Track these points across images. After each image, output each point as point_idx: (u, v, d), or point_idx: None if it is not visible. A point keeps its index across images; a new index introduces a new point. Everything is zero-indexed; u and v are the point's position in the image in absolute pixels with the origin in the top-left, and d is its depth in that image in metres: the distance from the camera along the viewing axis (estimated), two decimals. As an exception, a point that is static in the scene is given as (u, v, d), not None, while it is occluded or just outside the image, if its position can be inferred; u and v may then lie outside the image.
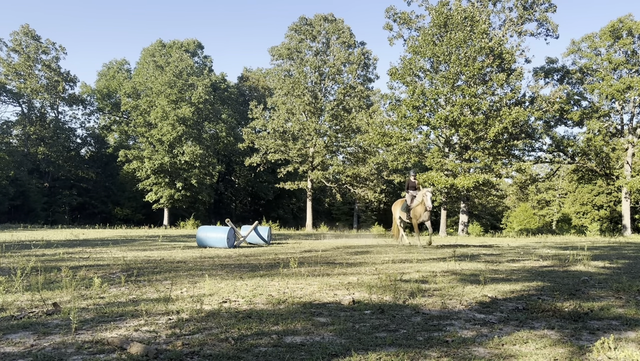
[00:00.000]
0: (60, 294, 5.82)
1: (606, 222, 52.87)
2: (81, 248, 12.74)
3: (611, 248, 16.33)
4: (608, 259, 11.27)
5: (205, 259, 10.37)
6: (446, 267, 9.18)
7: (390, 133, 30.83)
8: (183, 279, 7.21)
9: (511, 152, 33.17)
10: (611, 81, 35.61)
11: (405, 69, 30.66)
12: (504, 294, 6.24)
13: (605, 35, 36.82)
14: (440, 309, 5.28)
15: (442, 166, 30.35)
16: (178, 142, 42.21)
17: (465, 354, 3.62)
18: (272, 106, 42.65)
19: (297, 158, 40.62)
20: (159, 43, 49.81)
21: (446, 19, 29.30)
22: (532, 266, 9.74)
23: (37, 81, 46.44)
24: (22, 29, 45.77)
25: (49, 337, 4.00)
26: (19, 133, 48.78)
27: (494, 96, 30.37)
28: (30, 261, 7.43)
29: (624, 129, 38.07)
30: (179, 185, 41.90)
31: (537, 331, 4.34)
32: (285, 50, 41.29)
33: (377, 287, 6.56)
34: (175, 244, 14.96)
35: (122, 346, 3.65)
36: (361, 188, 41.80)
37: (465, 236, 29.57)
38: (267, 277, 7.53)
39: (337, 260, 10.49)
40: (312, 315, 4.89)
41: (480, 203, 61.55)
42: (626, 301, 5.76)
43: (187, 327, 4.31)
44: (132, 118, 47.27)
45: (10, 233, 19.92)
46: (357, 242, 18.54)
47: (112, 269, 8.37)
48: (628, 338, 4.16)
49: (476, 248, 15.66)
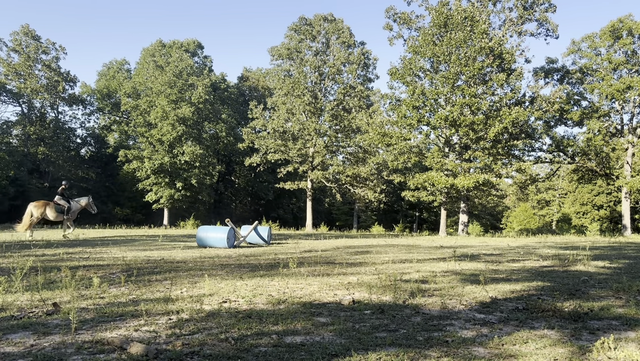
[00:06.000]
0: (60, 294, 5.82)
1: (606, 222, 52.88)
2: (81, 248, 12.73)
3: (611, 248, 16.33)
4: (608, 259, 11.26)
5: (205, 259, 10.37)
6: (446, 267, 9.18)
7: (390, 133, 30.81)
8: (183, 279, 7.21)
9: (511, 152, 33.14)
10: (611, 81, 35.58)
11: (406, 69, 30.64)
12: (504, 294, 6.24)
13: (605, 35, 36.80)
14: (440, 309, 5.28)
15: (442, 166, 30.33)
16: (178, 142, 42.20)
17: (465, 354, 3.62)
18: (272, 106, 42.62)
19: (297, 158, 40.60)
20: (159, 43, 49.80)
21: (446, 19, 29.30)
22: (532, 266, 9.74)
23: (37, 81, 46.41)
24: (22, 29, 45.75)
25: (49, 337, 4.00)
26: (19, 133, 48.76)
27: (494, 96, 30.35)
28: (30, 261, 7.43)
29: (624, 129, 38.05)
30: (179, 185, 41.88)
31: (537, 331, 4.33)
32: (285, 51, 41.27)
33: (377, 287, 6.56)
34: (175, 244, 14.95)
35: (122, 346, 3.65)
36: (361, 188, 41.77)
37: (465, 236, 29.55)
38: (267, 277, 7.53)
39: (337, 260, 10.49)
40: (312, 315, 4.89)
41: (480, 203, 61.56)
42: (626, 301, 5.76)
43: (187, 327, 4.31)
44: (132, 118, 47.25)
45: (10, 233, 19.92)
46: (357, 242, 18.54)
47: (112, 269, 8.37)
48: (628, 338, 4.15)
49: (476, 248, 15.65)
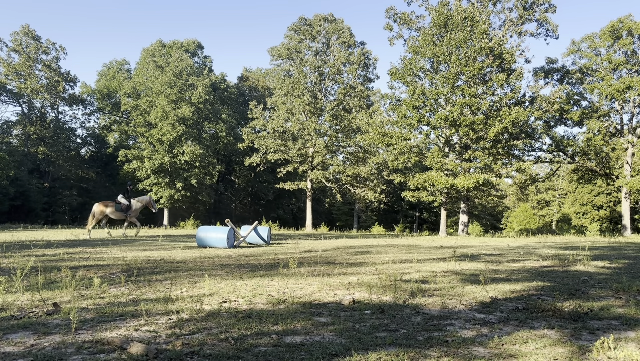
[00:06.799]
0: (60, 294, 5.82)
1: (606, 222, 52.86)
2: (81, 248, 12.73)
3: (611, 248, 16.32)
4: (608, 259, 11.26)
5: (205, 259, 10.37)
6: (446, 267, 9.18)
7: (390, 133, 30.81)
8: (183, 279, 7.21)
9: (511, 152, 33.14)
10: (611, 81, 35.57)
11: (406, 69, 30.64)
12: (504, 294, 6.24)
13: (605, 36, 36.80)
14: (440, 309, 5.28)
15: (442, 166, 30.33)
16: (178, 142, 42.19)
17: (465, 354, 3.62)
18: (272, 106, 42.62)
19: (297, 158, 40.60)
20: (159, 43, 49.82)
21: (446, 19, 29.30)
22: (532, 266, 9.74)
23: (37, 81, 46.42)
24: (22, 29, 45.77)
25: (49, 337, 4.00)
26: (19, 133, 48.77)
27: (494, 96, 30.34)
28: (30, 261, 7.43)
29: (624, 129, 38.04)
30: (179, 185, 41.89)
31: (537, 331, 4.33)
32: (285, 51, 41.27)
33: (377, 287, 6.56)
34: (175, 244, 14.95)
35: (122, 346, 3.65)
36: (361, 188, 41.76)
37: (465, 236, 29.55)
38: (267, 277, 7.53)
39: (337, 260, 10.49)
40: (312, 315, 4.89)
41: (480, 203, 61.54)
42: (626, 301, 5.76)
43: (187, 327, 4.31)
44: (132, 118, 47.26)
45: (10, 233, 19.91)
46: (357, 242, 18.53)
47: (112, 269, 8.37)
48: (628, 338, 4.15)
49: (476, 248, 15.65)
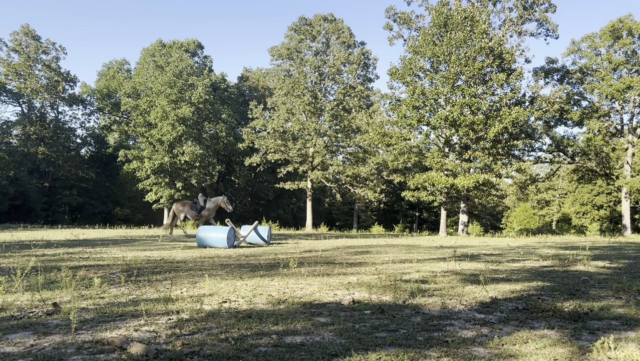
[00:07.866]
0: (60, 294, 5.82)
1: (606, 222, 52.87)
2: (81, 248, 12.73)
3: (611, 248, 16.32)
4: (608, 259, 11.26)
5: (205, 259, 10.37)
6: (446, 267, 9.17)
7: (390, 133, 30.81)
8: (183, 279, 7.21)
9: (511, 152, 33.14)
10: (611, 81, 35.58)
11: (406, 69, 30.64)
12: (504, 294, 6.24)
13: (605, 36, 36.80)
14: (440, 309, 5.28)
15: (442, 166, 30.33)
16: (178, 142, 42.19)
17: (465, 354, 3.62)
18: (272, 106, 42.62)
19: (297, 158, 40.60)
20: (159, 43, 49.80)
21: (446, 19, 29.29)
22: (532, 266, 9.73)
23: (37, 81, 46.41)
24: (22, 29, 45.76)
25: (49, 337, 4.00)
26: (19, 133, 48.76)
27: (494, 96, 30.34)
28: (30, 261, 7.43)
29: (624, 129, 38.05)
30: (179, 185, 41.88)
31: (537, 331, 4.33)
32: (285, 51, 41.26)
33: (377, 287, 6.56)
34: (175, 244, 14.95)
35: (122, 346, 3.65)
36: (361, 188, 41.77)
37: (465, 236, 29.55)
38: (267, 277, 7.53)
39: (337, 260, 10.49)
40: (312, 315, 4.89)
41: (480, 203, 61.54)
42: (626, 301, 5.76)
43: (187, 327, 4.31)
44: (132, 118, 47.26)
45: (10, 233, 19.90)
46: (357, 242, 18.53)
47: (112, 269, 8.37)
48: (628, 338, 4.15)
49: (476, 248, 15.65)
